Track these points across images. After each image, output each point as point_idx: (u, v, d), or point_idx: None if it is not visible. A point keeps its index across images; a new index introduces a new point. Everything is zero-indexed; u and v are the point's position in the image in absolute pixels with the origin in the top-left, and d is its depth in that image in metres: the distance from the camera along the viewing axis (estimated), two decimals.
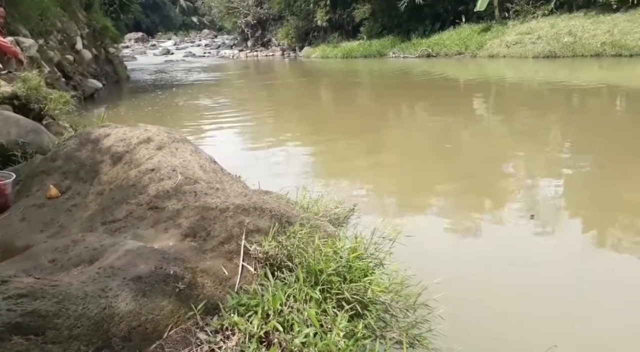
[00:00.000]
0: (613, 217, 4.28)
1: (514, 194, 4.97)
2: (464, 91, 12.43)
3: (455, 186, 5.27)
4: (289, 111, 10.96)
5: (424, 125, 8.64)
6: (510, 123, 8.43)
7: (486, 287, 3.15)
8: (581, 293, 3.13)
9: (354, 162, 6.49)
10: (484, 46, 17.97)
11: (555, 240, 3.96)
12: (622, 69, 12.71)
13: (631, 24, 14.20)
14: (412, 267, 2.39)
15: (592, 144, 6.60)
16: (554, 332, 2.69)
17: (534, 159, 6.12)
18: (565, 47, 15.06)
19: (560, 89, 11.01)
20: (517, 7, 18.65)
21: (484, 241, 4.00)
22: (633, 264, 3.50)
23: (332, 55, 25.33)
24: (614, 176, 5.28)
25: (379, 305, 2.04)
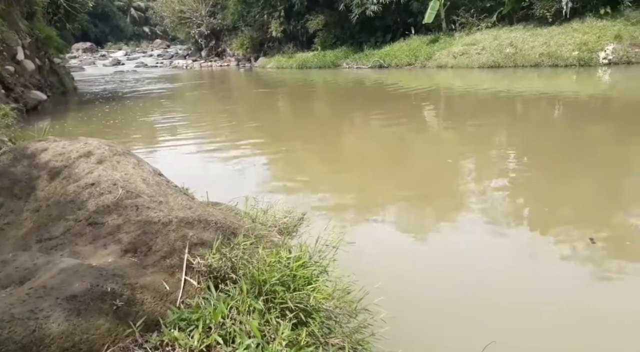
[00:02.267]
0: (551, 214, 4.54)
1: (461, 197, 5.18)
2: (416, 100, 12.82)
3: (405, 192, 5.42)
4: (245, 122, 10.90)
5: (379, 134, 8.84)
6: (459, 130, 8.77)
7: (426, 288, 3.26)
8: (519, 290, 3.29)
9: (309, 171, 6.54)
10: (432, 57, 18.64)
11: (496, 239, 4.14)
12: (558, 78, 13.56)
13: (565, 36, 15.20)
14: (357, 272, 2.45)
15: (533, 147, 6.99)
16: (492, 329, 2.82)
17: (480, 163, 6.40)
18: (507, 58, 15.89)
19: (504, 97, 11.58)
20: (462, 20, 19.51)
21: (426, 245, 4.13)
22: (570, 259, 3.70)
23: (287, 66, 25.45)
24: (553, 175, 5.62)
25: (322, 312, 2.07)
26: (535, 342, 2.76)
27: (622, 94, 10.93)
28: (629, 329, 2.81)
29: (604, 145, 6.80)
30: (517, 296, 3.22)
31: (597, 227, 4.17)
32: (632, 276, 3.44)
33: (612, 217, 4.41)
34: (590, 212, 4.55)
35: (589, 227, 4.19)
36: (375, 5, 20.19)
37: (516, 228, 4.37)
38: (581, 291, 3.27)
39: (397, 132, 8.77)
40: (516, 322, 2.92)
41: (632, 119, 8.48)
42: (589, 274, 3.50)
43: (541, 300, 3.14)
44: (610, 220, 4.35)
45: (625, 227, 4.16)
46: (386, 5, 20.30)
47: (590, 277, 3.48)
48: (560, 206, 4.76)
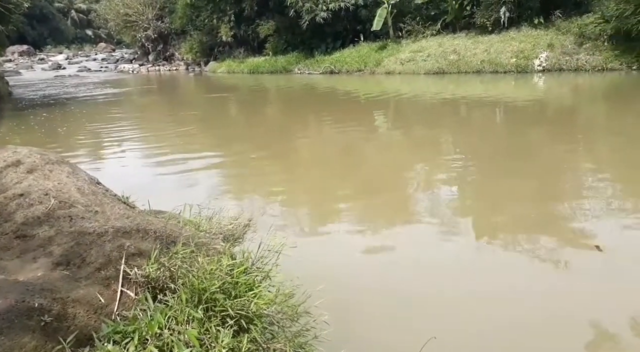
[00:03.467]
0: (495, 212, 4.77)
1: (409, 200, 5.33)
2: (366, 106, 13.08)
3: (354, 196, 5.52)
4: (195, 128, 10.68)
5: (331, 139, 8.93)
6: (408, 134, 9.04)
7: (370, 289, 3.33)
8: (462, 286, 3.43)
9: (259, 177, 6.51)
10: (381, 63, 19.09)
11: (442, 238, 4.30)
12: (498, 84, 14.29)
13: (504, 44, 16.06)
14: (301, 276, 2.47)
15: (477, 149, 7.33)
16: (434, 326, 2.92)
17: (428, 165, 6.62)
18: (452, 64, 16.56)
19: (449, 102, 12.06)
20: (409, 27, 20.14)
21: (372, 246, 4.21)
22: (514, 255, 3.87)
23: (238, 71, 25.22)
24: (496, 175, 5.91)
25: (264, 318, 2.07)
26: (476, 338, 2.88)
27: (554, 99, 11.67)
28: (566, 323, 2.98)
29: (540, 146, 7.25)
30: (460, 292, 3.35)
31: (539, 222, 4.42)
32: (575, 268, 3.64)
33: (553, 211, 4.68)
34: (530, 208, 4.80)
35: (531, 222, 4.44)
36: (325, 12, 20.44)
37: (462, 226, 4.54)
38: (524, 286, 3.42)
39: (349, 137, 8.91)
40: (458, 319, 3.05)
41: (564, 122, 9.09)
42: (532, 269, 3.68)
43: (484, 296, 3.28)
44: (552, 214, 4.62)
45: (566, 221, 4.43)
46: (335, 12, 20.60)
47: (534, 271, 3.65)
48: (503, 203, 5.01)
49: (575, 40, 14.72)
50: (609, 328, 2.86)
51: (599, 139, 7.66)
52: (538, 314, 3.02)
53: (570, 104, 10.89)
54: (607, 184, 5.44)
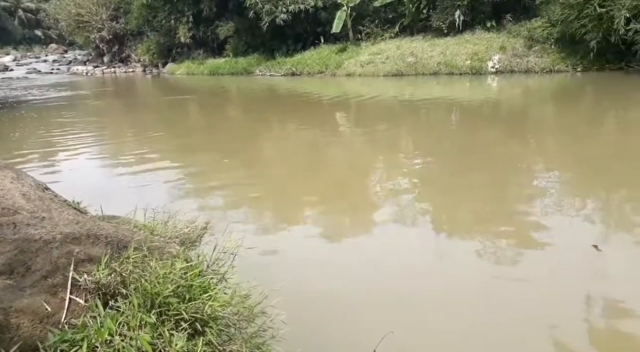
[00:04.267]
0: (454, 210, 4.92)
1: (370, 199, 5.42)
2: (328, 107, 13.18)
3: (315, 197, 5.55)
4: (153, 131, 10.42)
5: (293, 140, 8.95)
6: (370, 135, 9.18)
7: (328, 287, 3.37)
8: (417, 281, 3.53)
9: (219, 179, 6.43)
10: (341, 65, 19.29)
11: (400, 235, 4.40)
12: (454, 85, 14.74)
13: (459, 46, 16.59)
14: (258, 277, 2.47)
15: (436, 148, 7.55)
16: (391, 320, 2.99)
17: (389, 165, 6.75)
18: (410, 67, 16.95)
19: (408, 104, 12.33)
20: (368, 30, 20.45)
21: (333, 245, 4.27)
22: (473, 251, 3.97)
23: (198, 72, 24.83)
24: (454, 173, 6.09)
25: (220, 320, 2.06)
26: (434, 333, 2.96)
27: (507, 100, 12.17)
28: (525, 319, 3.10)
29: (495, 145, 7.54)
30: (419, 289, 3.44)
31: (498, 219, 4.59)
32: (529, 262, 3.78)
33: (509, 207, 4.88)
34: (487, 204, 4.99)
35: (490, 219, 4.60)
36: (285, 14, 20.45)
37: (422, 224, 4.65)
38: (484, 283, 3.52)
39: (313, 138, 8.96)
40: (417, 314, 3.12)
41: (516, 121, 9.49)
42: (491, 264, 3.79)
43: (444, 293, 3.37)
44: (508, 210, 4.81)
45: (520, 216, 4.63)
46: (295, 14, 20.65)
47: (493, 267, 3.75)
48: (462, 200, 5.17)
49: (525, 43, 15.40)
50: (563, 323, 3.01)
51: (547, 137, 8.05)
52: (497, 310, 3.11)
53: (522, 104, 11.38)
54: (556, 180, 5.72)
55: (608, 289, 3.23)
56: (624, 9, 12.09)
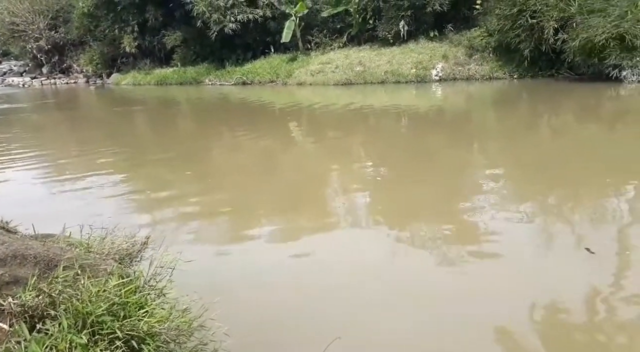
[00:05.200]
0: (407, 213, 5.03)
1: (323, 206, 5.47)
2: (281, 116, 13.24)
3: (269, 206, 5.53)
4: (99, 144, 10.01)
5: (246, 150, 8.88)
6: (324, 142, 9.29)
7: (273, 296, 3.37)
8: (367, 284, 3.59)
9: (167, 192, 6.28)
10: (292, 74, 19.41)
11: (347, 240, 4.47)
12: (401, 93, 15.21)
13: (404, 56, 17.15)
14: (199, 290, 2.44)
15: (387, 155, 7.75)
16: (339, 325, 3.02)
17: (342, 172, 6.85)
18: (358, 75, 17.31)
19: (358, 112, 12.58)
20: (317, 40, 20.73)
21: (277, 255, 4.25)
22: (425, 253, 4.08)
23: (145, 82, 24.17)
24: (406, 178, 6.26)
25: (158, 336, 2.02)
26: (382, 334, 2.99)
27: (451, 106, 12.70)
28: (474, 322, 3.20)
29: (442, 150, 7.85)
30: (367, 291, 3.49)
31: (446, 220, 4.75)
32: (479, 262, 3.88)
33: (455, 209, 5.06)
34: (435, 207, 5.17)
35: (439, 220, 4.75)
36: (234, 23, 20.35)
37: (372, 228, 4.74)
38: (435, 286, 3.59)
39: (265, 147, 8.96)
40: (364, 317, 3.15)
41: (460, 126, 9.91)
42: (442, 267, 3.89)
43: (392, 293, 3.43)
44: (454, 212, 4.98)
45: (467, 217, 4.82)
46: (244, 24, 20.60)
47: (444, 270, 3.84)
48: (414, 204, 5.32)
49: (465, 52, 16.15)
50: (511, 319, 3.16)
51: (490, 141, 8.45)
52: (446, 313, 3.15)
53: (465, 110, 11.92)
54: (500, 182, 6.02)
55: (548, 286, 3.40)
56: (552, 20, 12.98)
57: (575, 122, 9.58)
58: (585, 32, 12.11)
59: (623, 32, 11.55)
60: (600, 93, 11.38)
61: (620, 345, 2.80)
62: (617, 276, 3.49)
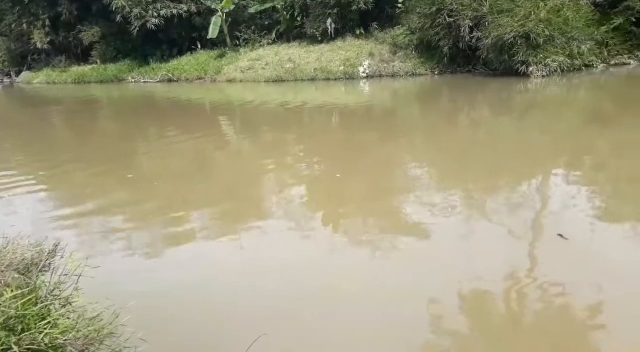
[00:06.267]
0: (341, 208, 5.11)
1: (259, 204, 5.42)
2: (211, 114, 12.95)
3: (200, 205, 5.40)
4: (7, 148, 9.19)
5: (176, 150, 8.59)
6: (257, 140, 9.21)
7: (194, 298, 3.32)
8: (295, 281, 3.63)
9: (89, 198, 5.91)
10: (221, 71, 19.02)
11: (281, 236, 4.48)
12: (331, 89, 15.44)
13: (332, 53, 17.41)
14: (110, 296, 2.34)
15: (321, 150, 7.85)
16: (264, 324, 3.03)
17: (280, 169, 6.84)
18: (288, 72, 17.33)
19: (290, 108, 12.60)
20: (245, 36, 20.46)
21: (206, 254, 4.21)
22: (360, 248, 4.15)
23: (60, 81, 22.56)
24: (339, 173, 6.36)
25: (61, 348, 1.92)
26: (309, 334, 3.01)
27: (378, 102, 13.11)
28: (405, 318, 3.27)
29: (372, 144, 8.08)
30: (295, 287, 3.52)
31: (378, 210, 4.90)
32: (411, 254, 4.00)
33: (387, 202, 5.24)
34: (370, 199, 5.32)
35: (371, 211, 4.89)
36: (156, 18, 19.54)
37: (310, 222, 4.79)
38: (368, 282, 3.65)
39: (198, 147, 8.73)
40: (291, 315, 3.16)
41: (388, 122, 10.26)
42: (375, 255, 4.00)
43: (321, 292, 3.46)
44: (386, 205, 5.16)
45: (397, 207, 4.99)
46: (168, 19, 19.85)
47: (376, 258, 3.96)
48: (347, 197, 5.43)
49: (390, 49, 16.70)
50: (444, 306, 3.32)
51: (416, 135, 8.84)
52: (375, 310, 3.19)
53: (392, 106, 12.35)
54: (426, 173, 6.32)
55: (480, 271, 3.56)
56: (467, 18, 13.79)
57: (490, 115, 10.27)
58: (496, 30, 13.01)
59: (528, 30, 12.54)
60: (511, 87, 12.28)
61: (533, 310, 3.08)
62: (532, 254, 3.81)
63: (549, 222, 4.42)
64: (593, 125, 8.48)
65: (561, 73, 12.83)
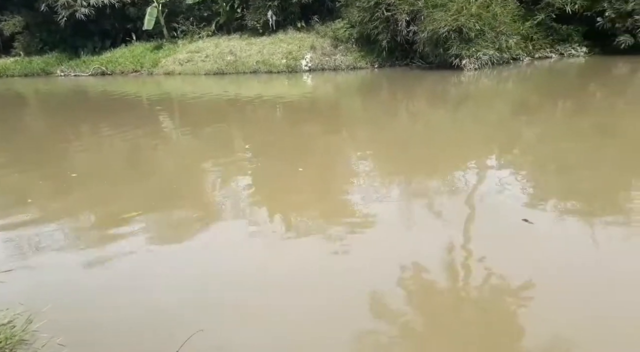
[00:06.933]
0: (287, 201, 5.10)
1: (202, 200, 5.29)
2: (151, 108, 12.46)
3: (136, 206, 5.19)
4: None
5: (113, 148, 8.19)
6: (199, 135, 8.97)
7: (119, 300, 3.23)
8: (233, 283, 3.61)
9: (13, 199, 5.52)
10: (159, 64, 18.34)
11: (222, 234, 4.42)
12: (274, 83, 15.32)
13: (274, 45, 17.26)
14: (25, 302, 2.23)
15: (266, 144, 7.79)
16: (200, 320, 2.99)
17: (224, 165, 6.70)
18: (230, 65, 17.01)
19: (233, 102, 12.41)
20: (183, 28, 19.82)
21: (136, 255, 4.09)
22: (306, 240, 4.16)
23: None
24: (284, 166, 6.34)
25: None
26: (245, 328, 3.01)
27: (321, 95, 13.20)
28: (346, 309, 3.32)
29: (316, 137, 8.15)
30: (233, 286, 3.50)
31: (324, 202, 4.98)
32: (357, 244, 4.07)
33: (333, 192, 5.32)
34: (315, 191, 5.38)
35: (317, 204, 4.95)
36: (86, 8, 18.46)
37: (255, 217, 4.75)
38: (315, 263, 3.73)
39: (136, 143, 8.40)
40: (227, 314, 3.15)
41: (331, 115, 10.38)
42: (322, 246, 4.03)
43: (258, 287, 3.45)
44: (332, 194, 5.24)
45: (343, 198, 5.05)
46: (100, 8, 18.81)
47: (323, 248, 3.99)
48: (293, 190, 5.43)
49: (331, 43, 16.82)
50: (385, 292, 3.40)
51: (359, 128, 8.99)
52: (321, 295, 3.27)
53: (334, 99, 12.48)
54: (369, 164, 6.45)
55: (420, 254, 3.72)
56: (404, 13, 14.16)
57: (428, 107, 10.65)
58: (431, 24, 13.46)
59: (460, 25, 13.09)
60: (446, 80, 12.77)
61: (470, 291, 3.25)
62: (467, 238, 4.01)
63: (485, 207, 4.67)
64: (521, 115, 9.03)
65: (492, 66, 13.52)
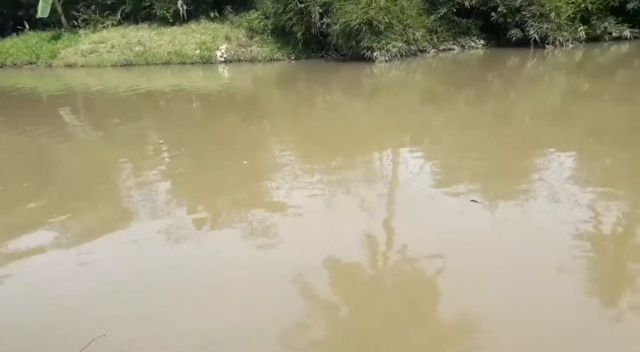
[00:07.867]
0: (209, 197, 5.09)
1: (118, 200, 5.12)
2: (51, 104, 11.54)
3: (42, 209, 4.92)
4: None
5: (8, 148, 7.50)
6: (108, 131, 8.51)
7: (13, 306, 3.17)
8: (155, 280, 3.63)
9: None
10: (58, 55, 16.93)
11: (142, 233, 4.38)
12: (188, 74, 14.88)
13: (187, 36, 16.70)
14: None
15: (183, 139, 7.62)
16: (106, 323, 2.99)
17: (139, 163, 6.48)
18: (139, 56, 16.18)
19: (144, 95, 11.87)
20: (85, 16, 18.41)
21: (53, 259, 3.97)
22: (247, 239, 4.20)
23: None
24: (204, 162, 6.28)
25: None
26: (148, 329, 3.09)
27: (239, 87, 13.10)
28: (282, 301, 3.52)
29: (236, 131, 8.12)
30: (155, 284, 3.54)
31: (248, 197, 5.03)
32: (287, 233, 4.24)
33: (256, 185, 5.37)
34: (239, 186, 5.41)
35: (241, 199, 4.98)
36: None
37: (175, 217, 4.70)
38: (240, 258, 3.82)
39: (36, 143, 7.78)
40: (132, 312, 3.19)
41: (249, 107, 10.39)
42: (247, 241, 4.14)
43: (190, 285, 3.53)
44: (256, 188, 5.29)
45: (266, 192, 5.16)
46: None
47: (248, 243, 4.09)
48: (215, 186, 5.44)
49: (247, 34, 16.66)
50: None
51: (279, 119, 9.13)
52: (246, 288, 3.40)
53: (252, 91, 12.47)
54: (290, 156, 6.61)
55: (343, 241, 3.96)
56: (317, 5, 14.44)
57: (344, 98, 11.07)
58: (343, 17, 13.89)
59: (370, 18, 13.68)
60: (360, 71, 13.32)
61: (391, 274, 3.59)
62: (389, 225, 4.35)
63: (402, 192, 5.09)
64: (429, 104, 9.77)
65: (401, 58, 14.32)
